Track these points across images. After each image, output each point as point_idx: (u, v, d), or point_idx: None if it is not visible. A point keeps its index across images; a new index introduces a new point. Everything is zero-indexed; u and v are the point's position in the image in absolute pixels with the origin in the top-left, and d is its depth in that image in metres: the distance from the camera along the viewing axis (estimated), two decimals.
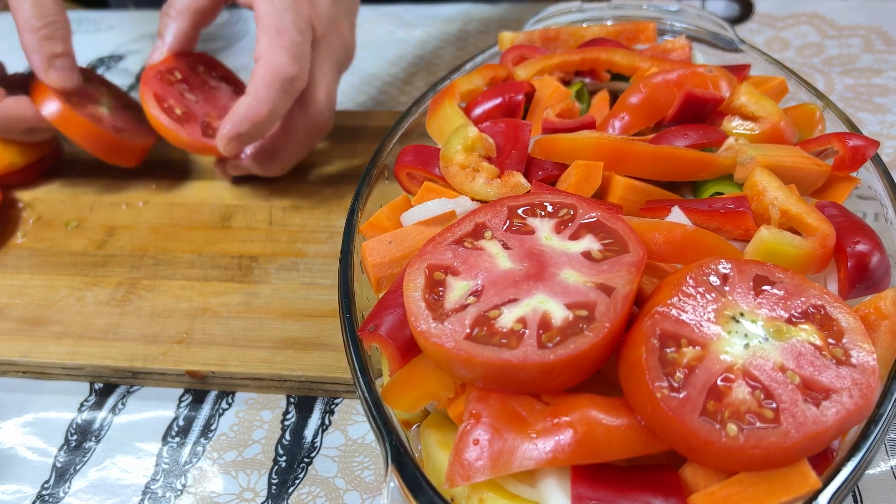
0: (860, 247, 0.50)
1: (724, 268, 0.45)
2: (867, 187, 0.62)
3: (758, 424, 0.38)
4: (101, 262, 0.84)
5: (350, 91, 1.15)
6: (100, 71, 1.24)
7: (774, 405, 0.39)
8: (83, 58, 1.27)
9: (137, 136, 0.92)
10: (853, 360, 0.41)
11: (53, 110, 0.84)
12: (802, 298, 0.44)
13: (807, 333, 0.42)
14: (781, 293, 0.44)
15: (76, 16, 1.38)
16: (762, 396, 0.39)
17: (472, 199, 0.58)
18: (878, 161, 0.61)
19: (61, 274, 0.83)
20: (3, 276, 0.83)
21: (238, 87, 0.96)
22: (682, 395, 0.39)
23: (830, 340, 0.42)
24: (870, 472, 0.60)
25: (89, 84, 0.92)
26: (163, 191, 0.94)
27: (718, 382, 0.40)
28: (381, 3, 1.36)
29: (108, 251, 0.86)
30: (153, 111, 0.85)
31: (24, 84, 0.88)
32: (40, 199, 0.94)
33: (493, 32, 1.25)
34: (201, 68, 0.93)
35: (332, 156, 0.97)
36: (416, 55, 1.23)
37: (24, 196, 0.95)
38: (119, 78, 1.22)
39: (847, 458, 0.41)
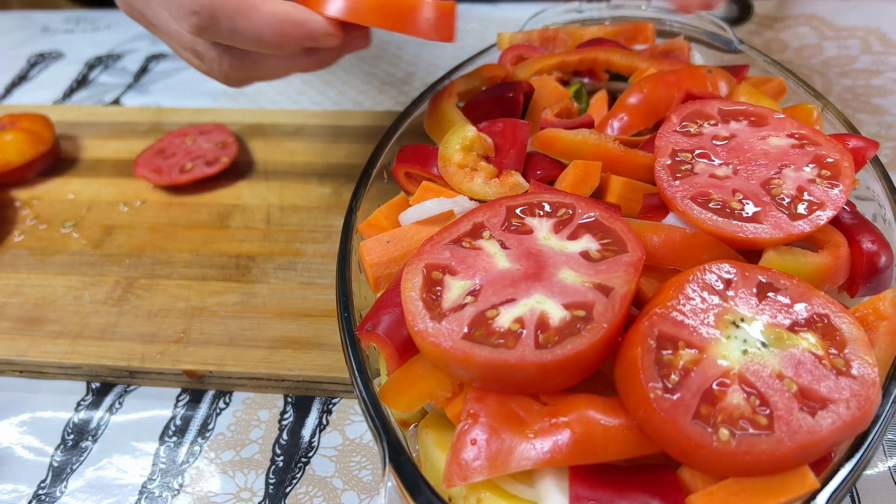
0: (870, 246, 0.50)
1: (728, 272, 0.44)
2: (865, 188, 0.62)
3: (750, 431, 0.38)
4: (98, 262, 0.84)
5: (349, 91, 1.15)
6: (98, 70, 1.24)
7: (769, 412, 0.39)
8: (81, 57, 1.27)
9: None
10: (854, 372, 0.41)
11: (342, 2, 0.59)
12: (806, 306, 0.43)
13: (808, 342, 0.42)
14: (785, 300, 0.43)
15: (73, 15, 1.38)
16: (757, 403, 0.39)
17: (471, 199, 0.57)
18: (876, 162, 0.61)
19: (58, 273, 0.83)
20: (0, 275, 0.83)
21: None
22: (675, 397, 0.39)
23: (832, 350, 0.42)
24: (868, 472, 0.60)
25: None
26: (160, 190, 0.93)
27: (713, 386, 0.40)
28: None
29: (105, 250, 0.85)
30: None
31: None
32: (38, 198, 0.94)
33: (491, 32, 1.25)
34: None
35: (331, 155, 0.97)
36: (414, 55, 1.22)
37: (21, 195, 0.94)
38: (118, 77, 1.22)
39: (845, 459, 0.41)
